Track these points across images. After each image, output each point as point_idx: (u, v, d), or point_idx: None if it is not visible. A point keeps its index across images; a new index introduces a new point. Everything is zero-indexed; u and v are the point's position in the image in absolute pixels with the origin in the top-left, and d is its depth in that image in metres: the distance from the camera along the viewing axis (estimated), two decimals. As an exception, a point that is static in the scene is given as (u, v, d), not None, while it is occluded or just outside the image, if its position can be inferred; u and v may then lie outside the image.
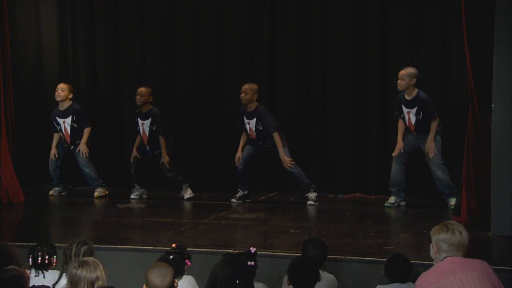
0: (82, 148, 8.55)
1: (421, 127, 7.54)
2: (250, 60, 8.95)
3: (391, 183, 7.74)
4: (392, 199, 7.75)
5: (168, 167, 8.39)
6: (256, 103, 8.03)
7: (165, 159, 8.36)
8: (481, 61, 6.47)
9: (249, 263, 4.37)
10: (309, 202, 7.96)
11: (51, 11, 9.53)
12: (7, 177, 8.28)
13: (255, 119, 7.99)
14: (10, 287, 3.57)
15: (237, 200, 8.14)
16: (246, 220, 7.17)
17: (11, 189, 8.28)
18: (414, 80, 7.49)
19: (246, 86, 8.02)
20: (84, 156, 8.55)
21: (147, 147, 8.48)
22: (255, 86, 8.05)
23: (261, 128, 7.98)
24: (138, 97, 8.41)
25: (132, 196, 8.50)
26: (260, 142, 8.09)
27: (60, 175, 8.76)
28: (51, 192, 8.78)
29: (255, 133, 8.06)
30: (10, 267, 3.75)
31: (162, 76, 9.10)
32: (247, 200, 8.16)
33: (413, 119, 7.56)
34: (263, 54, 8.87)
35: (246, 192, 8.18)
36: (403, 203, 7.74)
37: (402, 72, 7.53)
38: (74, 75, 9.38)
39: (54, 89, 9.17)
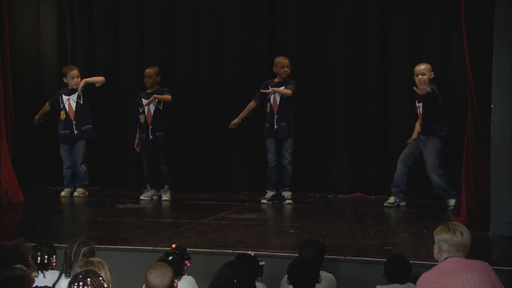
0: (82, 81, 8.50)
1: (425, 123, 7.52)
2: (250, 59, 8.95)
3: (393, 183, 7.76)
4: (391, 199, 7.77)
5: (165, 161, 8.33)
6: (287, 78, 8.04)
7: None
8: (481, 61, 6.46)
9: (260, 263, 4.44)
10: (287, 201, 7.97)
11: (51, 11, 9.54)
12: (6, 177, 8.27)
13: (283, 88, 7.93)
14: (13, 286, 3.57)
15: (268, 200, 8.09)
16: (246, 220, 7.16)
17: (10, 189, 8.28)
18: (433, 74, 7.50)
19: (287, 61, 8.02)
20: (78, 87, 8.49)
21: (150, 127, 8.24)
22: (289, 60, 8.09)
23: (285, 98, 7.91)
24: (146, 79, 8.34)
25: (141, 197, 8.43)
26: (276, 125, 7.96)
27: (71, 174, 8.70)
28: (63, 194, 8.70)
29: (278, 104, 7.97)
30: (18, 266, 3.75)
31: (162, 75, 9.08)
32: (275, 201, 8.11)
33: (421, 111, 7.57)
34: (264, 53, 8.88)
35: (275, 192, 8.14)
36: (403, 204, 7.75)
37: (422, 67, 7.50)
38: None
39: (53, 89, 9.19)
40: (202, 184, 9.04)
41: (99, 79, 8.66)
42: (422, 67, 7.51)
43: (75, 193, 8.65)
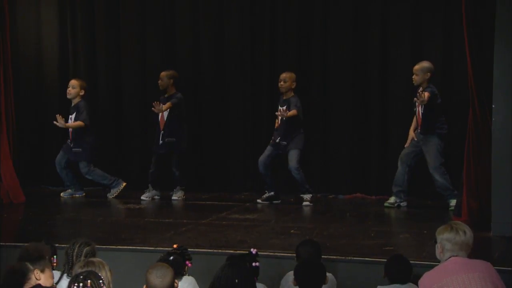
0: (61, 121, 8.18)
1: (425, 123, 7.51)
2: (251, 61, 8.94)
3: (394, 182, 7.74)
4: (392, 199, 7.75)
5: (178, 164, 8.31)
6: (293, 93, 7.96)
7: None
8: (482, 61, 6.47)
9: (254, 264, 4.42)
10: (304, 203, 7.95)
11: (51, 11, 9.52)
12: (7, 177, 8.27)
13: (285, 107, 7.88)
14: (10, 281, 3.61)
15: (262, 201, 8.09)
16: (247, 221, 7.17)
17: (11, 189, 8.27)
18: (429, 74, 7.45)
19: (284, 75, 7.94)
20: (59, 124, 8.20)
21: (161, 132, 8.21)
22: (293, 75, 7.98)
23: (289, 118, 7.86)
24: (159, 81, 8.29)
25: (142, 197, 8.38)
26: (278, 139, 7.94)
27: (70, 177, 8.60)
28: (62, 194, 8.67)
29: (280, 123, 7.96)
30: (19, 262, 3.78)
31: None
32: (275, 202, 8.09)
33: (421, 112, 7.54)
34: (264, 54, 8.87)
35: (272, 193, 8.12)
36: (403, 204, 7.72)
37: (416, 67, 7.49)
38: (74, 75, 9.35)
39: (53, 89, 9.20)
40: (203, 184, 9.03)
41: (75, 123, 8.35)
42: (415, 67, 7.50)
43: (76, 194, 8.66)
